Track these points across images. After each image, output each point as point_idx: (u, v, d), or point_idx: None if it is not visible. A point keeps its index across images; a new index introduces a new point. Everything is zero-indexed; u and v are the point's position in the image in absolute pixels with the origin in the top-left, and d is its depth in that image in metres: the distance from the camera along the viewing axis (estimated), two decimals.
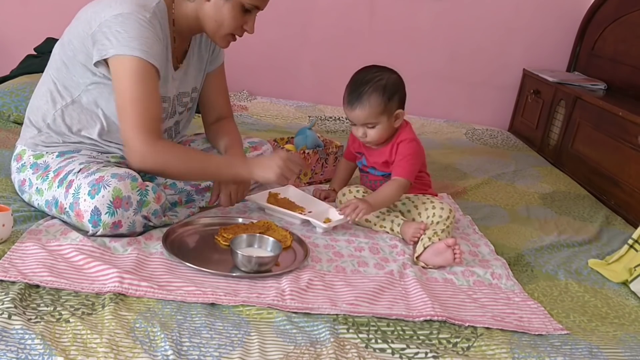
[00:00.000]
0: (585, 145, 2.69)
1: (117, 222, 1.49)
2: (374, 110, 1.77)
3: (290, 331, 1.27)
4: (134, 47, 1.49)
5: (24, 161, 1.66)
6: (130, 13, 1.50)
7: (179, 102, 1.76)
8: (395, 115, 1.81)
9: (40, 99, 1.67)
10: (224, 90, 1.91)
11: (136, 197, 1.50)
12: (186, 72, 1.75)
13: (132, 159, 1.55)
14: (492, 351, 1.31)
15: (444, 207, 1.81)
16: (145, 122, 1.51)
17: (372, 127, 1.81)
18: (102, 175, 1.49)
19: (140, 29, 1.50)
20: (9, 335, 1.13)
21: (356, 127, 1.84)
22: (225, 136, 1.83)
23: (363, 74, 1.81)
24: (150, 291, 1.34)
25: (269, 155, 1.81)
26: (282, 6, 3.22)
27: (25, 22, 3.12)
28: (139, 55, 1.49)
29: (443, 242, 1.64)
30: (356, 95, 1.78)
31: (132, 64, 1.49)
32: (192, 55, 1.76)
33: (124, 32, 1.49)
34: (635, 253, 1.74)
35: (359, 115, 1.79)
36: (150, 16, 1.52)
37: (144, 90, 1.51)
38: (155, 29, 1.53)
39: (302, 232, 1.75)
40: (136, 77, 1.50)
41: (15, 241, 1.47)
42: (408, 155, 1.82)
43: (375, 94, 1.76)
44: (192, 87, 1.79)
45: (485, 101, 3.47)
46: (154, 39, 1.52)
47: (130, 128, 1.52)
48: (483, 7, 3.31)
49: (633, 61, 2.81)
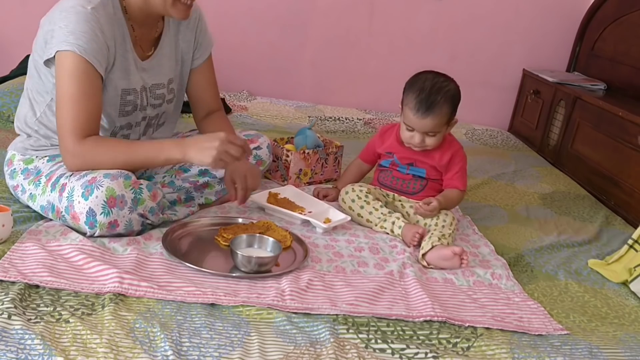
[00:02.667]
0: (585, 145, 2.69)
1: (114, 222, 1.49)
2: (443, 120, 1.78)
3: (290, 331, 1.27)
4: (70, 42, 1.46)
5: (15, 167, 1.66)
6: (72, 6, 1.48)
7: (152, 95, 1.70)
8: (452, 123, 1.84)
9: (23, 107, 1.68)
10: (213, 84, 1.88)
11: (130, 195, 1.49)
12: (159, 62, 1.70)
13: (64, 159, 1.54)
14: (492, 351, 1.31)
15: (447, 213, 1.83)
16: (76, 121, 1.49)
17: (433, 135, 1.81)
18: (95, 176, 1.48)
19: (78, 22, 1.47)
20: (9, 336, 1.13)
21: (413, 133, 1.81)
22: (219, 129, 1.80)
23: (430, 81, 1.78)
24: (150, 291, 1.34)
25: (208, 135, 1.58)
26: (282, 6, 3.23)
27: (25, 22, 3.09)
28: (74, 50, 1.46)
29: (450, 249, 1.64)
30: (428, 104, 1.75)
31: (68, 60, 1.47)
32: (165, 45, 1.71)
33: (64, 26, 1.47)
34: (635, 253, 1.74)
35: (428, 124, 1.77)
36: (92, 7, 1.49)
37: (81, 88, 1.48)
38: (98, 21, 1.49)
39: (302, 232, 1.75)
40: (72, 74, 1.47)
41: (15, 241, 1.47)
42: (463, 166, 1.88)
43: (446, 105, 1.77)
44: (167, 77, 1.73)
45: (485, 101, 3.47)
46: (92, 35, 1.47)
47: (62, 128, 1.50)
48: (483, 7, 3.31)
49: (633, 61, 2.81)
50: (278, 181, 2.16)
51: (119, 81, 1.59)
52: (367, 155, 2.03)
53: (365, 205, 1.84)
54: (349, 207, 1.87)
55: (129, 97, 1.63)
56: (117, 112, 1.63)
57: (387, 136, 1.96)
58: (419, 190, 1.90)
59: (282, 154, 2.13)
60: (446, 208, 1.83)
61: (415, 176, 1.90)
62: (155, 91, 1.71)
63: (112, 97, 1.59)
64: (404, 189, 1.92)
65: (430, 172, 1.89)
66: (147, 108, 1.71)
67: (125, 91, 1.61)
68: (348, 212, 1.87)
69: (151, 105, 1.72)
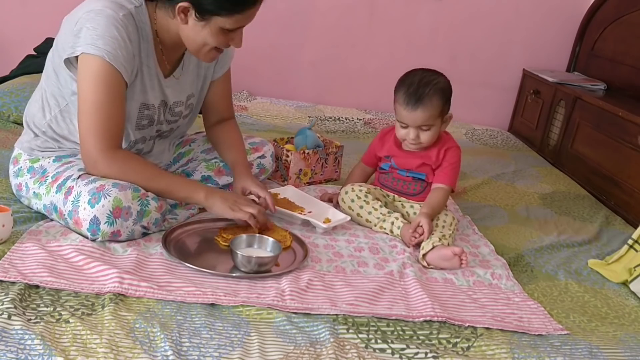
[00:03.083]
0: (585, 145, 2.69)
1: (116, 232, 1.49)
2: (434, 112, 1.78)
3: (290, 331, 1.27)
4: (99, 46, 1.43)
5: (20, 165, 1.65)
6: (102, 9, 1.45)
7: (170, 112, 1.70)
8: (446, 119, 1.83)
9: (34, 105, 1.66)
10: (228, 94, 1.88)
11: (136, 207, 1.49)
12: (180, 80, 1.69)
13: (85, 163, 1.53)
14: (492, 351, 1.31)
15: (447, 213, 1.83)
16: (104, 129, 1.47)
17: (427, 130, 1.80)
18: (103, 184, 1.47)
19: (108, 27, 1.44)
20: (9, 336, 1.13)
21: (407, 129, 1.82)
22: (230, 149, 1.80)
23: (419, 76, 1.79)
24: (150, 291, 1.34)
25: (236, 201, 1.61)
26: (282, 6, 3.23)
27: (25, 22, 3.11)
28: (103, 56, 1.43)
29: (450, 249, 1.63)
30: (417, 97, 1.76)
31: (95, 65, 1.44)
32: (188, 64, 1.71)
33: (92, 29, 1.44)
34: (635, 253, 1.74)
35: (419, 117, 1.77)
36: (123, 15, 1.47)
37: (108, 95, 1.46)
38: (127, 29, 1.47)
39: (302, 232, 1.75)
40: (100, 80, 1.45)
41: (15, 242, 1.47)
42: (454, 163, 1.86)
43: (436, 96, 1.77)
44: (187, 94, 1.73)
45: (485, 101, 3.47)
46: (121, 42, 1.45)
47: (88, 132, 1.48)
48: (483, 7, 3.31)
49: (633, 61, 2.81)
50: (278, 181, 2.16)
51: (138, 94, 1.58)
52: (369, 158, 2.03)
53: (365, 205, 1.84)
54: (349, 206, 1.87)
55: (147, 111, 1.62)
56: (134, 125, 1.62)
57: (387, 139, 1.96)
58: (420, 192, 1.90)
59: (282, 154, 2.13)
60: (435, 215, 1.79)
61: (416, 178, 1.90)
62: (174, 109, 1.71)
63: (130, 110, 1.58)
64: (404, 190, 1.92)
65: (431, 176, 1.89)
66: (163, 123, 1.70)
67: (144, 105, 1.60)
68: (347, 212, 1.87)
69: (167, 121, 1.72)
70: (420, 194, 1.90)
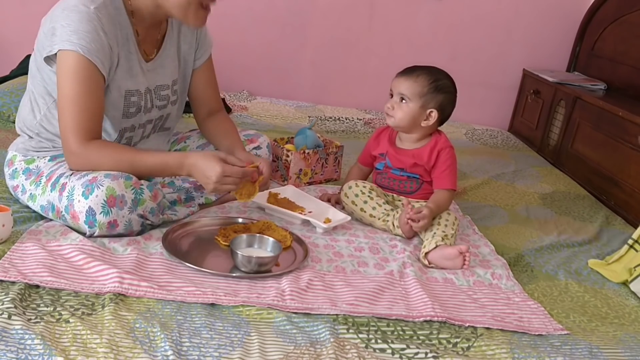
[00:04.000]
0: (585, 145, 2.69)
1: (113, 222, 1.49)
2: (417, 87, 1.82)
3: (290, 331, 1.27)
4: (73, 41, 1.45)
5: (16, 167, 1.66)
6: (75, 5, 1.47)
7: (156, 96, 1.70)
8: (428, 114, 1.84)
9: (24, 109, 1.67)
10: (213, 84, 1.88)
11: (130, 195, 1.49)
12: (163, 63, 1.70)
13: (67, 159, 1.54)
14: (492, 351, 1.31)
15: (450, 213, 1.83)
16: (79, 122, 1.48)
17: (403, 102, 1.84)
18: (96, 176, 1.48)
19: (81, 22, 1.46)
20: (9, 336, 1.13)
21: (392, 99, 1.87)
22: (225, 137, 1.80)
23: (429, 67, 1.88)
24: (150, 291, 1.34)
25: (208, 162, 1.53)
26: (282, 6, 3.23)
27: (25, 23, 3.10)
28: (77, 50, 1.45)
29: (456, 248, 1.63)
30: (410, 69, 1.86)
31: (71, 59, 1.46)
32: (169, 47, 1.71)
33: (66, 25, 1.46)
34: (635, 253, 1.74)
35: (401, 82, 1.84)
36: (95, 7, 1.48)
37: (84, 88, 1.48)
38: (100, 22, 1.48)
39: (302, 232, 1.75)
40: (74, 74, 1.47)
41: (15, 241, 1.47)
42: (451, 165, 1.87)
43: (426, 76, 1.83)
44: (171, 79, 1.73)
45: (485, 101, 3.47)
46: (95, 35, 1.47)
47: (65, 127, 1.49)
48: (483, 7, 3.31)
49: (633, 61, 2.81)
50: (278, 181, 2.16)
51: (123, 82, 1.59)
52: (365, 158, 2.03)
53: (369, 201, 1.85)
54: (352, 201, 1.87)
55: (133, 98, 1.63)
56: (121, 114, 1.62)
57: (381, 137, 1.98)
58: (416, 189, 1.91)
59: (282, 154, 2.13)
60: (438, 213, 1.80)
61: (410, 177, 1.90)
62: (160, 92, 1.71)
63: (115, 99, 1.59)
64: (401, 189, 1.92)
65: (425, 176, 1.90)
66: (152, 110, 1.71)
67: (129, 92, 1.61)
68: (350, 207, 1.87)
69: (156, 106, 1.72)
70: (418, 192, 1.91)
